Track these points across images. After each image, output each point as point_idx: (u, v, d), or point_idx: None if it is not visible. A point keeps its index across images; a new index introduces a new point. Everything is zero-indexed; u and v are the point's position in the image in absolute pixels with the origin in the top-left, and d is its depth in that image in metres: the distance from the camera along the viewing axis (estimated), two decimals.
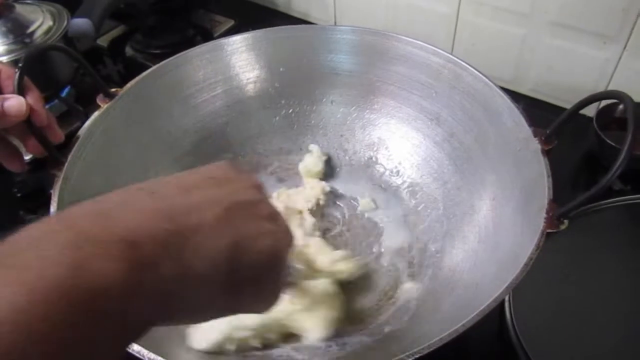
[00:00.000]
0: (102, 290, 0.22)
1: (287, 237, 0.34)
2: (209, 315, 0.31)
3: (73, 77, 0.84)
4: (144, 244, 0.24)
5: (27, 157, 0.76)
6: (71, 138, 0.55)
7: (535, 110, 0.54)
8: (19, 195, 0.72)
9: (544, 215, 0.44)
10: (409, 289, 0.56)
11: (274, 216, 0.33)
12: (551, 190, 0.46)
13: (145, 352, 0.38)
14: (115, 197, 0.27)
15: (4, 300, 0.20)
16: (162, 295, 0.25)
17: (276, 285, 0.33)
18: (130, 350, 0.37)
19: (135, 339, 0.25)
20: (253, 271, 0.30)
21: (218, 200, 0.29)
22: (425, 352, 0.37)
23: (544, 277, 0.53)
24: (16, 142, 0.53)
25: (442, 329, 0.40)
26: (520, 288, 0.41)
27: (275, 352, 0.51)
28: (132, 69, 0.94)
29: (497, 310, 0.53)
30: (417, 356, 0.37)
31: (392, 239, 0.62)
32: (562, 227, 0.43)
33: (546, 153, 0.49)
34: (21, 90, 0.49)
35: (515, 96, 0.55)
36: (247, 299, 0.32)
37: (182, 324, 0.30)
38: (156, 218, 0.26)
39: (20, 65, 0.48)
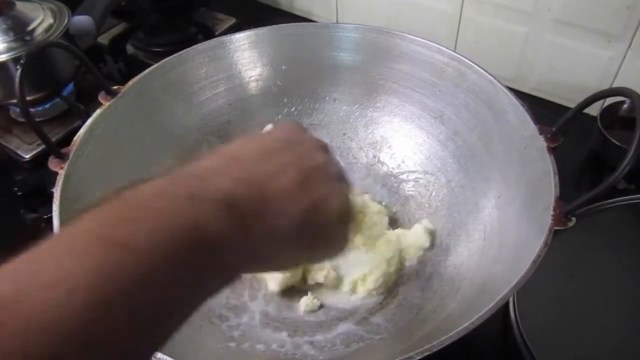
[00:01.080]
0: (214, 239, 0.26)
1: (351, 194, 0.38)
2: (288, 264, 0.37)
3: (74, 75, 0.83)
4: (238, 206, 0.28)
5: (28, 156, 0.76)
6: (73, 137, 0.55)
7: (538, 109, 0.54)
8: (19, 193, 0.72)
9: (551, 212, 0.44)
10: (413, 287, 0.56)
11: (341, 176, 0.37)
12: (558, 187, 0.46)
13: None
14: (207, 163, 0.30)
15: (142, 236, 0.23)
16: (252, 249, 0.29)
17: (345, 236, 0.37)
18: None
19: (227, 283, 0.28)
20: (327, 228, 0.34)
21: (294, 165, 0.32)
22: (434, 350, 0.36)
23: (548, 276, 0.53)
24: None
25: (448, 328, 0.40)
26: (524, 287, 0.41)
27: (282, 349, 0.51)
28: (133, 67, 0.93)
29: (502, 308, 0.53)
30: (422, 356, 0.37)
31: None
32: (570, 224, 0.43)
33: (552, 151, 0.49)
34: (22, 89, 0.48)
35: (518, 95, 0.55)
36: (321, 251, 0.36)
37: (265, 272, 0.36)
38: (244, 184, 0.29)
39: (21, 62, 0.48)
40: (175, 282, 0.24)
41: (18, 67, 0.48)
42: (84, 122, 0.57)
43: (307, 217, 0.32)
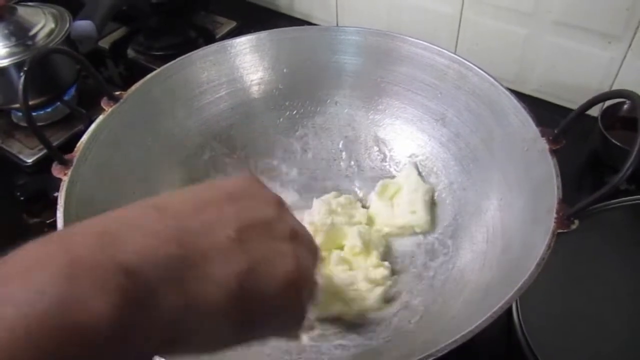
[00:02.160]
0: (92, 327, 0.20)
1: (310, 256, 0.31)
2: (219, 347, 0.28)
3: (75, 79, 0.84)
4: (144, 273, 0.22)
5: (30, 160, 0.76)
6: (75, 141, 0.55)
7: (538, 110, 0.54)
8: (21, 198, 0.72)
9: (554, 215, 0.44)
10: (417, 290, 0.56)
11: (295, 234, 0.30)
12: (560, 190, 0.46)
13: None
14: (126, 213, 0.25)
15: None
16: (162, 328, 0.23)
17: (299, 310, 0.30)
18: None
19: None
20: (268, 300, 0.27)
21: (231, 220, 0.27)
22: (439, 355, 0.37)
23: (551, 278, 0.53)
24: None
25: (452, 331, 0.40)
26: (527, 289, 0.41)
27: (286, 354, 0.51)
28: (134, 71, 0.94)
29: (505, 311, 0.53)
30: None
31: (399, 240, 0.61)
32: (573, 227, 0.43)
33: (554, 153, 0.49)
34: (26, 94, 0.48)
35: (518, 96, 0.55)
36: (263, 330, 0.29)
37: (189, 355, 0.26)
38: (163, 241, 0.24)
39: (25, 68, 0.48)
40: None
41: (22, 73, 0.48)
42: (85, 127, 0.57)
43: (240, 285, 0.25)
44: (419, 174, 0.64)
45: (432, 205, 0.62)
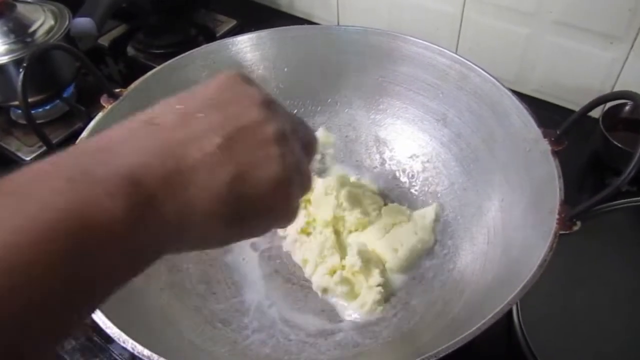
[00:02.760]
0: (107, 225, 0.22)
1: (297, 158, 0.31)
2: (215, 243, 0.31)
3: (75, 76, 0.83)
4: (144, 183, 0.24)
5: (28, 158, 0.76)
6: (74, 138, 0.54)
7: (539, 110, 0.54)
8: None
9: (556, 216, 0.43)
10: (417, 291, 0.56)
11: (283, 136, 0.30)
12: (562, 191, 0.46)
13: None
14: (119, 131, 0.27)
15: None
16: (163, 229, 0.25)
17: (289, 206, 0.32)
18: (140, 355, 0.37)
19: (141, 270, 0.25)
20: (258, 201, 0.29)
21: (218, 127, 0.28)
22: (440, 356, 0.36)
23: (551, 279, 0.52)
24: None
25: (452, 332, 0.40)
26: (528, 291, 0.41)
27: (285, 353, 0.51)
28: (134, 69, 0.93)
29: (505, 313, 0.53)
30: None
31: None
32: (575, 228, 0.43)
33: (556, 154, 0.49)
34: (25, 91, 0.48)
35: (519, 96, 0.55)
36: (253, 227, 0.31)
37: (188, 251, 0.29)
38: (156, 154, 0.25)
39: (24, 64, 0.48)
40: (62, 277, 0.21)
41: (21, 70, 0.48)
42: (84, 124, 0.57)
43: (230, 190, 0.27)
44: (436, 219, 0.61)
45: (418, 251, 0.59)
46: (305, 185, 0.33)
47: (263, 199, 0.29)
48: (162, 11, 0.92)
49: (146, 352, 0.39)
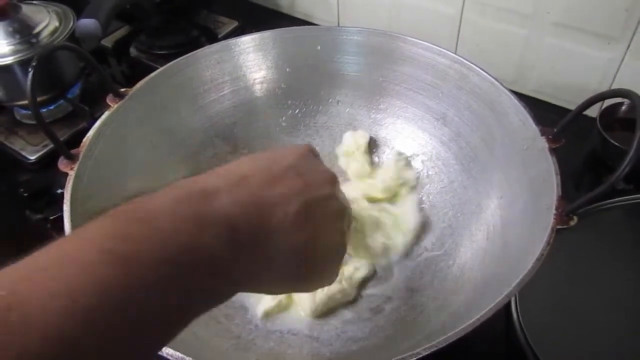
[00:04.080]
0: (212, 259, 0.27)
1: (345, 231, 0.38)
2: (278, 291, 0.37)
3: (79, 77, 0.84)
4: (241, 231, 0.28)
5: (33, 157, 0.76)
6: (78, 138, 0.55)
7: (537, 110, 0.55)
8: (25, 194, 0.72)
9: (554, 212, 0.44)
10: (417, 286, 0.57)
11: (343, 213, 0.37)
12: (560, 187, 0.46)
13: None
14: (214, 180, 0.31)
15: (143, 256, 0.24)
16: (247, 273, 0.30)
17: (336, 272, 0.38)
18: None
19: (221, 301, 0.29)
20: (321, 263, 0.35)
21: (299, 195, 0.32)
22: (439, 347, 0.37)
23: (549, 276, 0.53)
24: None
25: (451, 326, 0.40)
26: (526, 287, 0.41)
27: (288, 348, 0.52)
28: (136, 70, 0.94)
29: (504, 308, 0.53)
30: (427, 352, 0.38)
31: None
32: (572, 223, 0.44)
33: (553, 152, 0.50)
34: (34, 91, 0.49)
35: (518, 96, 0.56)
36: (311, 283, 0.36)
37: (257, 292, 0.34)
38: (249, 209, 0.30)
39: (33, 64, 0.48)
40: (171, 299, 0.25)
41: (30, 69, 0.48)
42: (89, 124, 0.58)
43: (302, 251, 0.32)
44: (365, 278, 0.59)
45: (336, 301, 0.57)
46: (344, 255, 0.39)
47: (324, 263, 0.35)
48: (165, 12, 0.93)
49: None
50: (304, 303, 0.55)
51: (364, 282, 0.58)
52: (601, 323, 0.53)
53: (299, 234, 0.32)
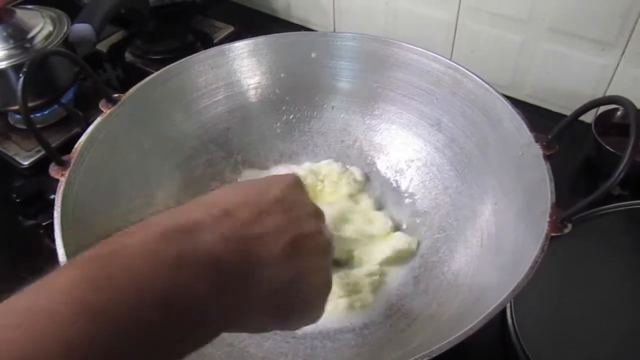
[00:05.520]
0: (194, 301, 0.26)
1: (332, 271, 0.37)
2: (258, 329, 0.36)
3: (73, 82, 0.84)
4: (224, 271, 0.28)
5: (26, 163, 0.76)
6: (72, 143, 0.55)
7: (532, 116, 0.55)
8: (17, 200, 0.72)
9: (548, 218, 0.44)
10: (411, 293, 0.56)
11: (326, 248, 0.36)
12: (554, 194, 0.46)
13: None
14: (199, 214, 0.29)
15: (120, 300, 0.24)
16: (230, 314, 0.29)
17: (321, 308, 0.37)
18: None
19: (203, 344, 0.28)
20: (305, 300, 0.34)
21: (284, 230, 0.32)
22: (433, 356, 0.37)
23: (544, 283, 0.53)
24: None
25: (446, 333, 0.40)
26: (521, 293, 0.41)
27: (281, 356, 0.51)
28: (131, 75, 0.94)
29: (499, 315, 0.53)
30: None
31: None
32: (566, 230, 0.44)
33: (548, 158, 0.50)
34: (25, 96, 0.48)
35: (513, 102, 0.56)
36: (296, 321, 0.36)
37: (241, 332, 0.36)
38: (234, 246, 0.29)
39: (25, 69, 0.48)
40: (149, 346, 0.24)
41: (21, 74, 0.48)
42: (82, 129, 0.57)
43: (288, 289, 0.32)
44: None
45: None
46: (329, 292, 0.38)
47: (310, 301, 0.35)
48: (160, 17, 0.93)
49: None
50: None
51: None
52: (596, 329, 0.53)
53: (285, 272, 0.31)
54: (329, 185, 0.65)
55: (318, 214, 0.36)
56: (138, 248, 0.26)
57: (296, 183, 0.37)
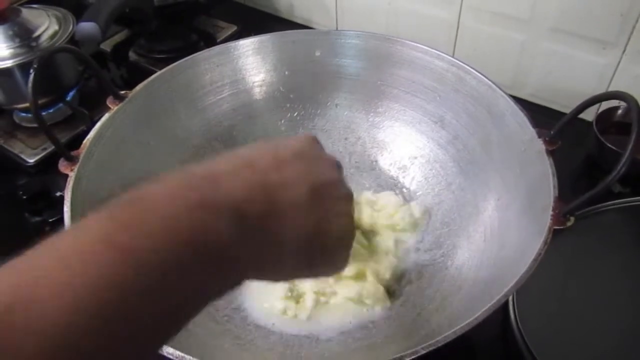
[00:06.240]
0: (221, 244, 0.26)
1: (354, 217, 0.37)
2: (285, 277, 0.36)
3: (78, 80, 0.84)
4: (249, 215, 0.28)
5: (32, 160, 0.77)
6: (77, 141, 0.56)
7: (534, 114, 0.55)
8: (24, 197, 0.72)
9: (551, 212, 0.45)
10: (414, 288, 0.57)
11: (348, 197, 0.36)
12: (557, 188, 0.47)
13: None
14: (221, 165, 0.30)
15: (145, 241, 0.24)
16: (255, 259, 0.29)
17: (345, 257, 0.37)
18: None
19: (230, 289, 0.29)
20: (328, 247, 0.34)
21: (306, 178, 0.32)
22: (438, 345, 0.37)
23: (546, 278, 0.54)
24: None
25: (449, 326, 0.41)
26: (524, 288, 0.42)
27: (288, 347, 0.52)
28: (135, 74, 0.94)
29: (501, 310, 0.54)
30: (426, 351, 0.38)
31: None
32: (569, 223, 0.44)
33: (550, 153, 0.50)
34: (35, 93, 0.49)
35: (515, 100, 0.56)
36: (319, 268, 0.36)
37: (265, 280, 0.34)
38: (256, 192, 0.29)
39: (34, 66, 0.49)
40: (178, 288, 0.25)
41: (31, 71, 0.49)
42: (88, 127, 0.58)
43: (312, 234, 0.32)
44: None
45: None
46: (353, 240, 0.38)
47: (334, 248, 0.35)
48: (164, 17, 0.94)
49: None
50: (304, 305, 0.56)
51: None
52: (598, 323, 0.54)
53: (308, 217, 0.31)
54: (384, 217, 0.63)
55: (337, 165, 0.37)
56: (164, 194, 0.26)
57: (313, 139, 0.37)
